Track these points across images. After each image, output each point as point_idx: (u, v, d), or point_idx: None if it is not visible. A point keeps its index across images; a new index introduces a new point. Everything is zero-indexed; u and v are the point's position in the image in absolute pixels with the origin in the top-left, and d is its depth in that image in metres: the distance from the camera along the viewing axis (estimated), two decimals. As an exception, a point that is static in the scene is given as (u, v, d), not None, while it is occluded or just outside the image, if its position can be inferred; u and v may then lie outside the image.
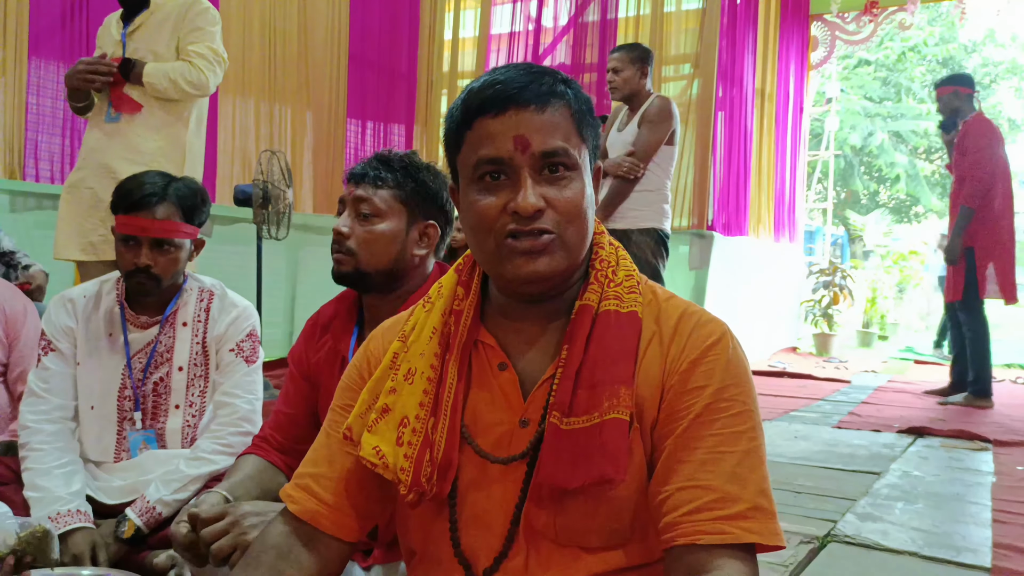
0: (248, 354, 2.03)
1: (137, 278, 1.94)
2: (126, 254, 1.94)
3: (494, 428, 1.01)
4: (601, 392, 0.95)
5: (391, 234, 1.61)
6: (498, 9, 7.75)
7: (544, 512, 0.97)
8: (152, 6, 2.88)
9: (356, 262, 1.61)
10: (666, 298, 1.04)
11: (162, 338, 2.00)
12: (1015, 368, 7.78)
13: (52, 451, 1.87)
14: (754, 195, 7.98)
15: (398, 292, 1.64)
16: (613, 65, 4.25)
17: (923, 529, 2.54)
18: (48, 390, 1.94)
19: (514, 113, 0.95)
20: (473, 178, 0.98)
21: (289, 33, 5.97)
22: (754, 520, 0.91)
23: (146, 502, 1.82)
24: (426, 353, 1.04)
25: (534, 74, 0.97)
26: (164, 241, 1.94)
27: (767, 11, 8.08)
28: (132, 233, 1.93)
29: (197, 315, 2.04)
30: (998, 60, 23.32)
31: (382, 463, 1.00)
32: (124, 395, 1.98)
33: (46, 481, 1.81)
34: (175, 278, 2.01)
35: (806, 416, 4.72)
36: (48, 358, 1.97)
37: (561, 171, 0.96)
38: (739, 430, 0.94)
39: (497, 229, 0.96)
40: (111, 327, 2.01)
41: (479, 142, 0.97)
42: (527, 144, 0.94)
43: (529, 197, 0.94)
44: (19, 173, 4.36)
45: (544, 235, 0.95)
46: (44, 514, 1.75)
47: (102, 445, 1.97)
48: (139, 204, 1.92)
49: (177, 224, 1.96)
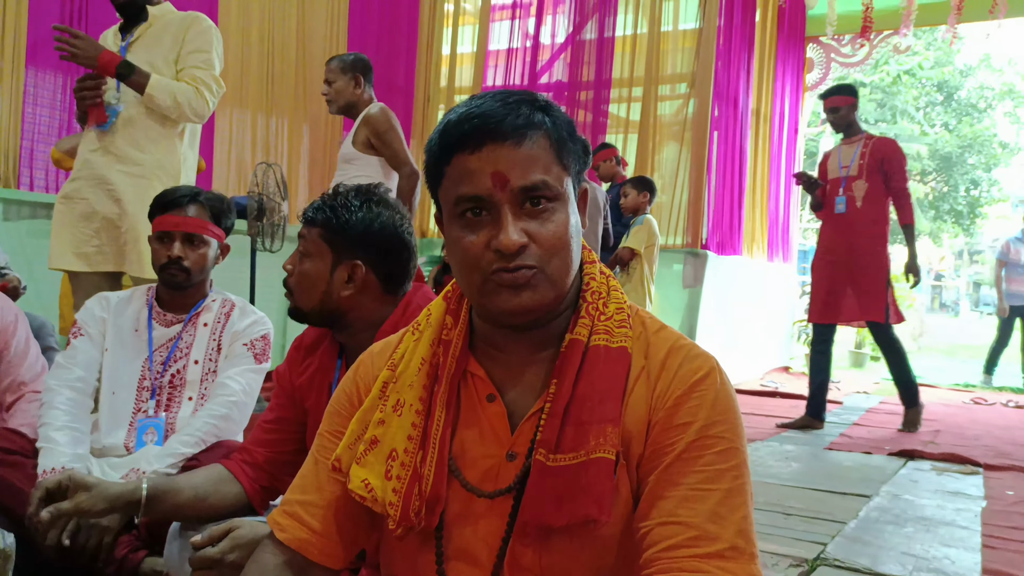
0: (258, 351, 2.20)
1: (170, 270, 2.15)
2: (160, 249, 2.16)
3: (481, 461, 1.00)
4: (588, 430, 0.94)
5: (314, 275, 1.61)
6: (496, 26, 7.79)
7: (529, 549, 0.96)
8: (151, 19, 2.88)
9: (294, 300, 1.65)
10: (655, 330, 1.03)
11: (184, 335, 2.19)
12: (1007, 391, 7.79)
13: (68, 412, 2.03)
14: (748, 214, 8.01)
15: (358, 327, 1.63)
16: (326, 76, 3.92)
17: (912, 553, 2.53)
18: (73, 363, 2.11)
19: (491, 149, 0.93)
20: (455, 214, 0.97)
21: (287, 46, 5.99)
22: (731, 560, 0.89)
23: (141, 473, 1.91)
24: (415, 385, 1.03)
25: (510, 105, 0.95)
26: (195, 236, 2.17)
27: (763, 32, 8.14)
28: (166, 229, 2.15)
29: (218, 318, 2.23)
30: (992, 85, 23.52)
31: (371, 496, 0.99)
32: (143, 386, 2.15)
33: (59, 435, 1.96)
34: (203, 274, 2.22)
35: (797, 437, 4.72)
36: (77, 341, 2.15)
37: (543, 204, 0.95)
38: (723, 468, 0.93)
39: (483, 266, 0.94)
40: (138, 324, 2.20)
41: (459, 179, 0.95)
42: (506, 180, 0.93)
43: (511, 235, 0.92)
44: (14, 182, 4.36)
45: (524, 270, 0.94)
46: (49, 463, 1.89)
47: (116, 432, 2.10)
48: (173, 204, 2.17)
49: (206, 223, 2.20)
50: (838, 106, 4.96)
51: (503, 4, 7.81)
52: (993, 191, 23.72)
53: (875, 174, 4.84)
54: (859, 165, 4.89)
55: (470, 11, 7.95)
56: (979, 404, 6.82)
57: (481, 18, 7.70)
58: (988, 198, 23.72)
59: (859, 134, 4.99)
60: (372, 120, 3.72)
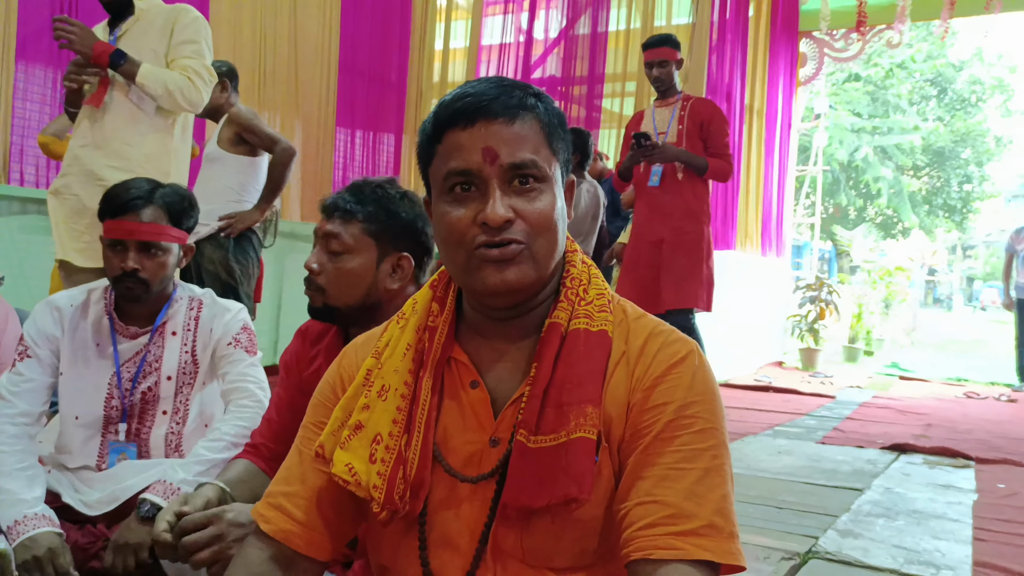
0: (247, 345, 2.00)
1: (125, 283, 1.90)
2: (113, 259, 1.91)
3: (464, 447, 1.01)
4: (568, 411, 0.95)
5: (360, 270, 1.59)
6: (489, 20, 7.77)
7: (512, 532, 0.97)
8: (138, 12, 2.87)
9: (326, 298, 1.61)
10: (636, 317, 1.04)
11: (152, 348, 1.97)
12: (999, 386, 7.82)
13: (13, 453, 1.82)
14: (742, 210, 8.02)
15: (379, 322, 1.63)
16: None
17: (904, 546, 2.54)
18: (16, 394, 1.89)
19: (483, 125, 0.95)
20: (443, 190, 0.98)
21: (279, 42, 5.96)
22: (707, 538, 0.90)
23: (168, 485, 1.75)
24: (400, 370, 1.03)
25: (504, 87, 0.98)
26: (151, 244, 1.91)
27: (756, 27, 8.14)
28: (119, 237, 1.90)
29: (187, 324, 2.01)
30: (984, 79, 23.58)
31: (354, 480, 0.99)
32: (111, 405, 1.94)
33: (9, 483, 1.76)
34: (164, 284, 1.97)
35: (790, 431, 4.73)
36: (23, 364, 1.91)
37: (531, 183, 0.96)
38: (701, 447, 0.93)
39: (467, 241, 0.96)
40: (99, 337, 1.97)
41: (449, 154, 0.97)
42: (496, 156, 0.95)
43: (498, 208, 0.94)
44: (4, 177, 4.34)
45: (513, 245, 0.95)
46: (10, 516, 1.71)
47: (85, 454, 1.94)
48: (125, 208, 1.90)
49: (164, 227, 1.93)
50: (667, 59, 4.22)
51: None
52: (985, 186, 23.79)
53: (695, 139, 4.22)
54: (678, 130, 4.22)
55: (463, 6, 7.94)
56: (971, 398, 6.85)
57: (474, 13, 7.68)
58: (981, 193, 23.80)
59: (676, 94, 4.31)
60: (236, 116, 3.74)
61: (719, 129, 4.23)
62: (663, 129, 4.29)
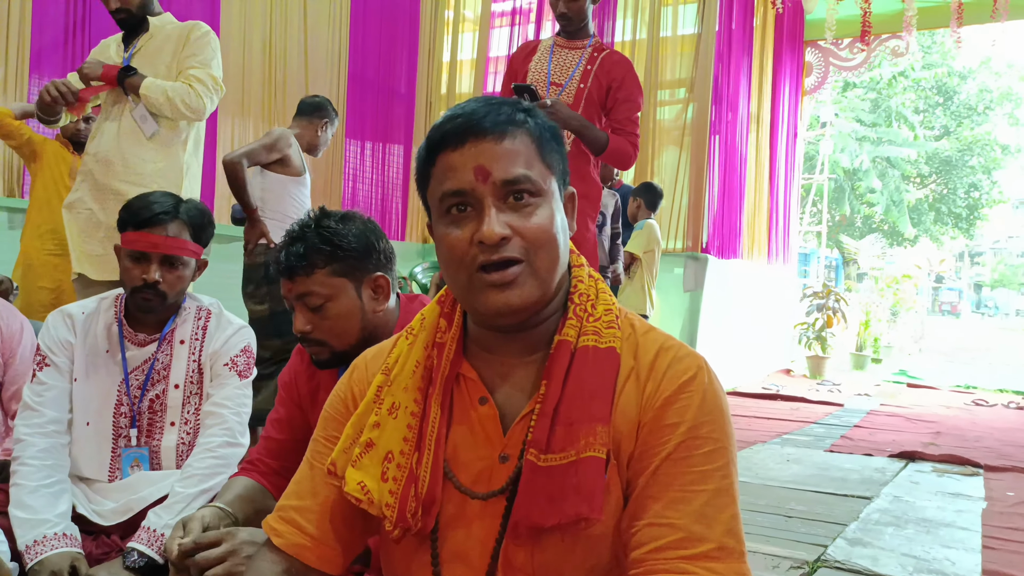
0: (242, 368, 2.02)
1: (143, 294, 1.92)
2: (134, 270, 1.93)
3: (474, 463, 1.01)
4: (578, 429, 0.94)
5: (348, 310, 1.60)
6: (496, 32, 7.82)
7: (522, 550, 0.97)
8: (152, 30, 2.91)
9: (331, 348, 1.62)
10: (644, 331, 1.04)
11: (160, 356, 1.99)
12: (1008, 393, 7.80)
13: (41, 468, 1.84)
14: (748, 218, 8.04)
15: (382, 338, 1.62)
16: None
17: (913, 555, 2.55)
18: (42, 403, 1.91)
19: (473, 144, 0.95)
20: (441, 212, 0.98)
21: (289, 54, 6.02)
22: (718, 560, 0.90)
23: (152, 532, 1.76)
24: (409, 387, 1.04)
25: (492, 105, 0.98)
26: (174, 258, 1.94)
27: (762, 37, 8.17)
28: (143, 249, 1.92)
29: (195, 333, 2.03)
30: (992, 87, 23.52)
31: (367, 498, 1.00)
32: (120, 412, 1.96)
33: (32, 500, 1.77)
34: (178, 296, 2.00)
35: (798, 439, 4.73)
36: (44, 372, 1.94)
37: (526, 198, 0.96)
38: (710, 468, 0.93)
39: (467, 262, 0.95)
40: (109, 344, 1.99)
41: (443, 176, 0.97)
42: (487, 173, 0.94)
43: (493, 226, 0.93)
44: (18, 191, 4.38)
45: (512, 266, 0.95)
46: (30, 537, 1.71)
47: (97, 462, 1.95)
48: (151, 221, 1.92)
49: (186, 242, 1.97)
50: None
51: (503, 11, 7.84)
52: (993, 193, 23.72)
53: (594, 106, 3.12)
54: (578, 88, 3.10)
55: (470, 18, 7.99)
56: (980, 406, 6.84)
57: (481, 25, 7.73)
58: (988, 200, 23.73)
59: (588, 37, 3.20)
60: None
61: (629, 97, 3.13)
62: (560, 80, 3.14)
